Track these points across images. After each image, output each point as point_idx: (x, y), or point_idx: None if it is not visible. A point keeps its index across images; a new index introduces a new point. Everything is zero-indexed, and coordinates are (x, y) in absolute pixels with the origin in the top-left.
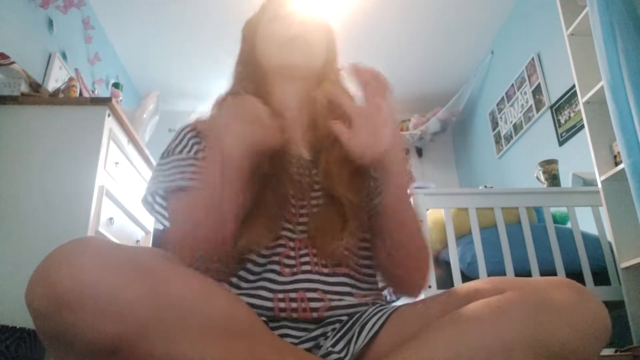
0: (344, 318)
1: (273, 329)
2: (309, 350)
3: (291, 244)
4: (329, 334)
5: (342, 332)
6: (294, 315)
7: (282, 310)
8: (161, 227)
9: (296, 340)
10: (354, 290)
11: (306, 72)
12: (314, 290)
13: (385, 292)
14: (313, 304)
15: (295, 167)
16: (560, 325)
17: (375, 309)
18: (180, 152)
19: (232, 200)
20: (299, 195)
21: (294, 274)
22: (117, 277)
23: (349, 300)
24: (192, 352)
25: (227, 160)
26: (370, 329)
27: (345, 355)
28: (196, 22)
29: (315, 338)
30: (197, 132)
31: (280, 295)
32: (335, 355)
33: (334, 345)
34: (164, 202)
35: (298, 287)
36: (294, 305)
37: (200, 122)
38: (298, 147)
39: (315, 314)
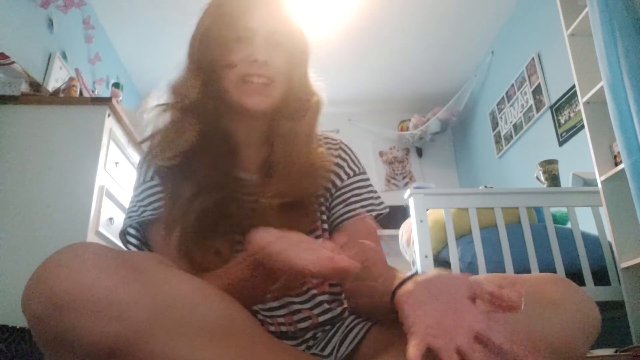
0: (329, 327)
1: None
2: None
3: None
4: (318, 335)
5: (326, 338)
6: (284, 330)
7: (272, 332)
8: None
9: (294, 342)
10: (335, 303)
11: (265, 111)
12: (299, 311)
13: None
14: (301, 325)
15: (247, 192)
16: (554, 321)
17: (359, 319)
18: (152, 179)
19: None
20: (251, 220)
21: (277, 298)
22: (115, 279)
23: (333, 312)
24: (190, 353)
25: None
26: (354, 338)
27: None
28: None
29: (307, 340)
30: (148, 157)
31: (269, 320)
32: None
33: (322, 349)
34: (137, 233)
35: (285, 312)
36: (283, 328)
37: (150, 144)
38: (251, 175)
39: (309, 335)
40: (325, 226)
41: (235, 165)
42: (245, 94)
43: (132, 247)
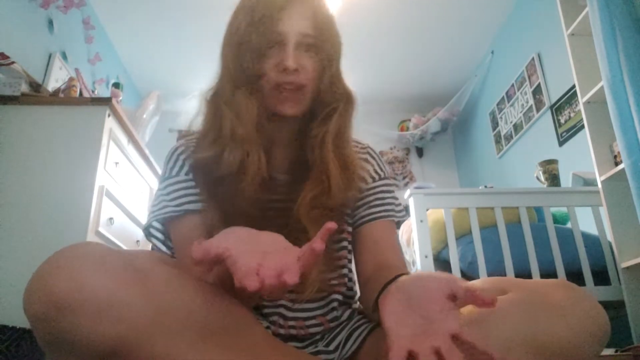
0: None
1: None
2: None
3: None
4: (326, 335)
5: (332, 335)
6: (293, 332)
7: (280, 335)
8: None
9: (300, 344)
10: (344, 307)
11: (298, 115)
12: (313, 317)
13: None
14: (313, 329)
15: (275, 192)
16: (558, 325)
17: (364, 318)
18: (177, 174)
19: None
20: (279, 220)
21: (292, 300)
22: (116, 280)
23: (345, 315)
24: (191, 354)
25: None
26: (358, 336)
27: (333, 358)
28: (197, 21)
29: (316, 342)
30: (187, 151)
31: (281, 322)
32: (324, 356)
33: (327, 345)
34: (162, 227)
35: (297, 315)
36: (293, 331)
37: (188, 139)
38: (276, 169)
39: (318, 337)
40: (350, 229)
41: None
42: (278, 101)
43: (155, 241)
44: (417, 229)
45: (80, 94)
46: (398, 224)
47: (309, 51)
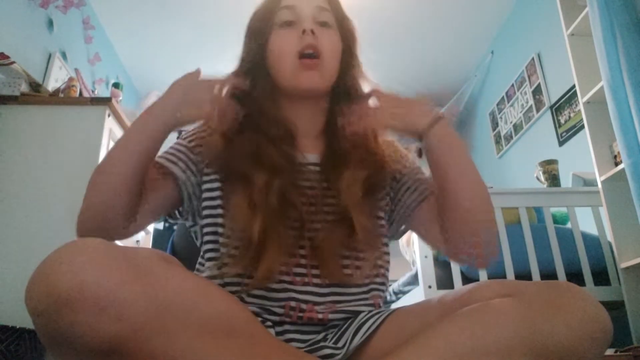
0: (341, 322)
1: (279, 333)
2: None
3: (302, 251)
4: (328, 336)
5: (339, 332)
6: (299, 321)
7: (289, 316)
8: (161, 227)
9: (302, 345)
10: (360, 298)
11: (320, 92)
12: (323, 303)
13: (385, 293)
14: (319, 308)
15: (305, 178)
16: (558, 327)
17: (371, 312)
18: (184, 140)
19: (135, 175)
20: (310, 208)
21: (305, 283)
22: (116, 277)
23: (353, 305)
24: (191, 351)
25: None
26: (367, 330)
27: (340, 353)
28: (197, 21)
29: (318, 342)
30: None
31: (293, 304)
32: (329, 351)
33: (335, 342)
34: None
35: (309, 299)
36: (301, 314)
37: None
38: (305, 155)
39: (320, 316)
40: (382, 214)
41: (294, 151)
42: (299, 72)
43: None
44: None
45: (80, 94)
46: None
47: (324, 26)
